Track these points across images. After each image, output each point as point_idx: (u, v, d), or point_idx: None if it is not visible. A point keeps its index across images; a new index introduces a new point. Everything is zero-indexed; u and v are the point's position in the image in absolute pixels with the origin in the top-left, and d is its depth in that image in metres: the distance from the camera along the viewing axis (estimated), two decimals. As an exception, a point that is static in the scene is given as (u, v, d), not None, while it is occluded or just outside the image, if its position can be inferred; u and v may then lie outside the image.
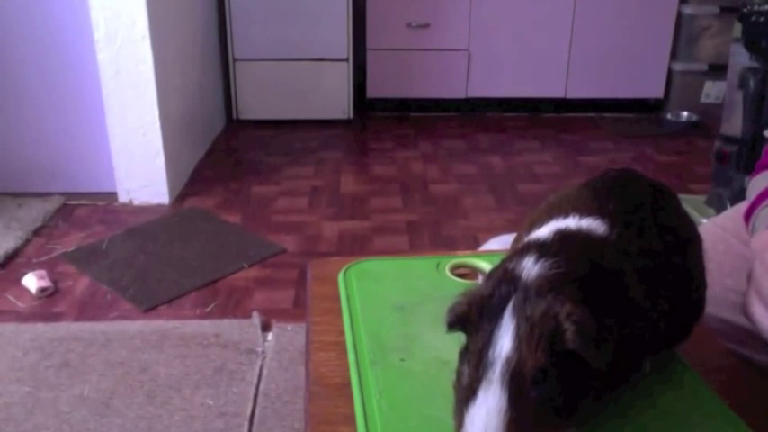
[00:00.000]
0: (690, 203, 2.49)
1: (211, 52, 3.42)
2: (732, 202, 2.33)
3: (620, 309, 0.55)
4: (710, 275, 0.69)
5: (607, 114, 3.86)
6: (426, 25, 3.62)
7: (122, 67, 2.55)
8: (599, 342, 0.50)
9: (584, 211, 0.61)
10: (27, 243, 2.39)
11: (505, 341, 0.50)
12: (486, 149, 3.36)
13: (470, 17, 3.61)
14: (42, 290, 2.07)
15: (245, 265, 2.26)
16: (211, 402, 1.65)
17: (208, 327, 1.93)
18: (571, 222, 0.60)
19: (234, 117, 3.63)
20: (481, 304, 0.53)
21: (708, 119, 3.63)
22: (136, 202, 2.72)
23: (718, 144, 2.43)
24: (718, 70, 3.58)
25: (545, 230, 0.60)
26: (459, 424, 0.51)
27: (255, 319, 1.94)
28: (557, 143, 3.47)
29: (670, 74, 3.78)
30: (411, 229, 2.55)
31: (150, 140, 2.65)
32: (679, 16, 3.66)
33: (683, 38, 3.69)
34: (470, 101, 3.81)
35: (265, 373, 1.75)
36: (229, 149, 3.35)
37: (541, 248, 0.55)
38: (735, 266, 0.92)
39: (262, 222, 2.58)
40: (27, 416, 1.59)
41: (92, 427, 1.56)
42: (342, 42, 3.47)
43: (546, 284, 0.52)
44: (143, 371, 1.75)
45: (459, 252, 0.92)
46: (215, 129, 3.48)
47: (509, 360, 0.50)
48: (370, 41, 3.65)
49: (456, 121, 3.75)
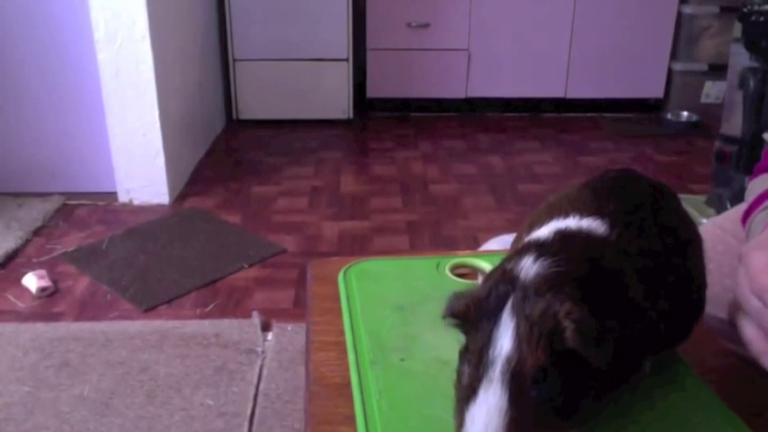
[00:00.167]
0: (690, 203, 2.49)
1: (211, 52, 3.42)
2: (732, 202, 2.33)
3: (620, 308, 0.55)
4: (710, 276, 0.69)
5: (607, 114, 3.86)
6: (426, 25, 3.62)
7: (122, 67, 2.55)
8: (599, 341, 0.50)
9: (584, 211, 0.61)
10: (27, 243, 2.39)
11: (505, 340, 0.50)
12: (486, 149, 3.36)
13: (470, 17, 3.61)
14: (42, 290, 2.07)
15: (245, 265, 2.26)
16: (211, 402, 1.65)
17: (208, 327, 1.93)
18: (571, 222, 0.60)
19: (234, 117, 3.64)
20: (480, 304, 0.53)
21: (708, 119, 3.63)
22: (136, 202, 2.72)
23: (718, 144, 2.43)
24: (718, 70, 3.58)
25: (545, 230, 0.60)
26: (460, 423, 0.51)
27: (255, 319, 1.94)
28: (557, 143, 3.47)
29: (670, 74, 3.78)
30: (411, 229, 2.55)
31: (150, 140, 2.65)
32: (679, 16, 3.66)
33: (683, 38, 3.69)
34: (470, 101, 3.81)
35: (265, 373, 1.75)
36: (229, 149, 3.35)
37: (541, 248, 0.55)
38: (734, 267, 0.92)
39: (262, 222, 2.58)
40: (27, 416, 1.59)
41: (92, 427, 1.56)
42: (342, 42, 3.47)
43: (545, 283, 0.52)
44: (143, 371, 1.75)
45: (460, 252, 0.92)
46: (215, 129, 3.48)
47: (509, 359, 0.50)
48: (370, 41, 3.65)
49: (456, 121, 3.75)
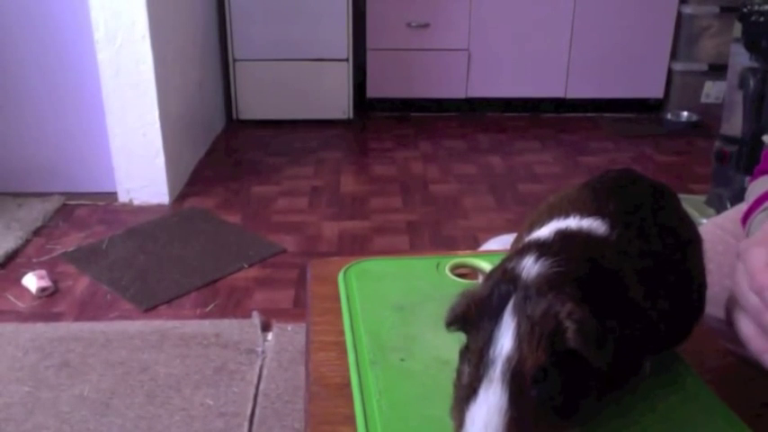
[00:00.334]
0: (690, 203, 2.49)
1: (211, 52, 3.42)
2: (732, 202, 2.33)
3: (621, 309, 0.55)
4: (710, 276, 0.69)
5: (607, 114, 3.86)
6: (426, 25, 3.62)
7: (122, 67, 2.55)
8: (600, 341, 0.50)
9: (584, 212, 0.61)
10: (27, 243, 2.39)
11: (506, 340, 0.50)
12: (486, 149, 3.36)
13: (470, 17, 3.61)
14: (42, 290, 2.07)
15: (245, 265, 2.26)
16: (211, 402, 1.65)
17: (208, 327, 1.93)
18: (571, 222, 0.60)
19: (234, 117, 3.64)
20: (481, 303, 0.53)
21: (708, 119, 3.63)
22: (136, 202, 2.72)
23: (718, 144, 2.43)
24: (718, 70, 3.58)
25: (545, 230, 0.60)
26: (460, 423, 0.51)
27: (255, 319, 1.94)
28: (557, 143, 3.47)
29: (670, 74, 3.78)
30: (411, 229, 2.55)
31: (150, 140, 2.65)
32: (679, 16, 3.66)
33: (683, 38, 3.69)
34: (470, 101, 3.81)
35: (265, 373, 1.75)
36: (229, 149, 3.35)
37: (542, 248, 0.55)
38: (734, 267, 0.92)
39: (262, 222, 2.58)
40: (27, 416, 1.59)
41: (92, 427, 1.56)
42: (342, 42, 3.47)
43: (546, 284, 0.52)
44: (143, 371, 1.75)
45: (460, 252, 0.92)
46: (215, 129, 3.48)
47: (509, 359, 0.50)
48: (370, 41, 3.65)
49: (456, 121, 3.75)
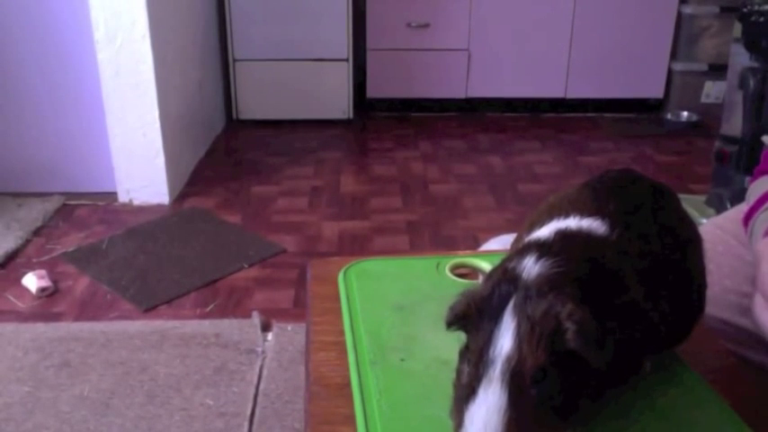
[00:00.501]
0: (690, 203, 2.49)
1: (211, 52, 3.42)
2: (732, 202, 2.33)
3: (621, 309, 0.55)
4: (710, 276, 0.69)
5: (607, 114, 3.86)
6: (426, 25, 3.62)
7: (122, 67, 2.55)
8: (599, 342, 0.50)
9: (584, 212, 0.61)
10: (27, 243, 2.39)
11: (506, 340, 0.50)
12: (486, 149, 3.36)
13: (470, 17, 3.60)
14: (42, 290, 2.07)
15: (245, 265, 2.26)
16: (211, 402, 1.65)
17: (208, 327, 1.93)
18: (572, 222, 0.60)
19: (234, 117, 3.63)
20: (481, 303, 0.53)
21: (708, 119, 3.63)
22: (136, 202, 2.72)
23: (718, 144, 2.43)
24: (718, 70, 3.58)
25: (545, 230, 0.60)
26: (459, 423, 0.51)
27: (255, 319, 1.94)
28: (557, 143, 3.47)
29: (670, 74, 3.78)
30: (411, 229, 2.55)
31: (150, 140, 2.65)
32: (679, 16, 3.66)
33: (683, 38, 3.69)
34: (470, 101, 3.81)
35: (265, 373, 1.75)
36: (229, 149, 3.35)
37: (542, 248, 0.55)
38: (734, 267, 0.92)
39: (262, 222, 2.58)
40: (27, 416, 1.59)
41: (92, 427, 1.56)
42: (342, 42, 3.47)
43: (547, 284, 0.52)
44: (143, 371, 1.75)
45: (460, 252, 0.92)
46: (215, 129, 3.48)
47: (509, 359, 0.50)
48: (370, 41, 3.65)
49: (456, 121, 3.75)
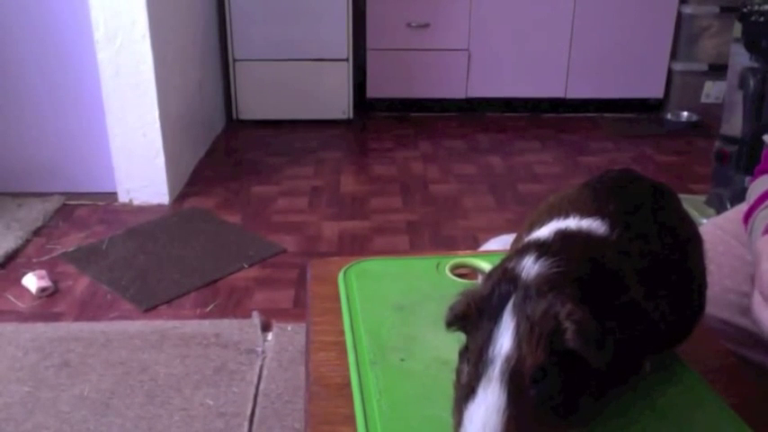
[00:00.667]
0: (690, 203, 2.49)
1: (211, 52, 3.42)
2: (732, 202, 2.33)
3: (621, 309, 0.55)
4: (710, 276, 0.69)
5: (607, 114, 3.86)
6: (426, 25, 3.62)
7: (122, 67, 2.55)
8: (599, 342, 0.50)
9: (584, 212, 0.61)
10: (27, 243, 2.39)
11: (505, 340, 0.50)
12: (486, 149, 3.36)
13: (470, 17, 3.60)
14: (42, 290, 2.07)
15: (245, 265, 2.26)
16: (211, 402, 1.65)
17: (208, 327, 1.93)
18: (571, 222, 0.60)
19: (234, 117, 3.63)
20: (481, 303, 0.53)
21: (708, 119, 3.63)
22: (136, 202, 2.72)
23: (718, 144, 2.43)
24: (718, 70, 3.58)
25: (545, 230, 0.60)
26: (458, 422, 0.51)
27: (255, 319, 1.94)
28: (557, 143, 3.47)
29: (670, 74, 3.78)
30: (411, 229, 2.55)
31: (150, 140, 2.65)
32: (679, 16, 3.66)
33: (683, 38, 3.69)
34: (470, 101, 3.81)
35: (265, 373, 1.75)
36: (229, 149, 3.35)
37: (542, 248, 0.55)
38: (735, 267, 0.92)
39: (262, 222, 2.58)
40: (27, 416, 1.59)
41: (92, 427, 1.56)
42: (342, 42, 3.47)
43: (546, 284, 0.52)
44: (143, 371, 1.75)
45: (460, 252, 0.92)
46: (215, 129, 3.48)
47: (509, 358, 0.50)
48: (370, 41, 3.65)
49: (456, 121, 3.75)
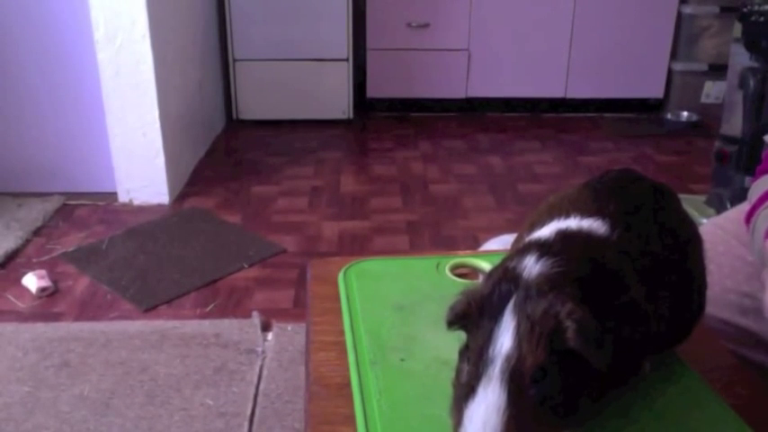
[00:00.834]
0: (690, 203, 2.49)
1: (211, 52, 3.42)
2: (732, 202, 2.33)
3: (621, 309, 0.55)
4: (711, 276, 0.69)
5: (607, 114, 3.86)
6: (426, 25, 3.62)
7: (122, 67, 2.55)
8: (599, 342, 0.50)
9: (584, 212, 0.61)
10: (27, 243, 2.38)
11: (506, 339, 0.50)
12: (486, 149, 3.36)
13: (470, 17, 3.60)
14: (42, 290, 2.07)
15: (245, 265, 2.25)
16: (211, 402, 1.65)
17: (208, 327, 1.93)
18: (572, 222, 0.60)
19: (234, 117, 3.63)
20: (482, 302, 0.53)
21: (708, 119, 3.63)
22: (136, 202, 2.72)
23: (718, 144, 2.43)
24: (718, 70, 3.58)
25: (546, 230, 0.60)
26: (458, 421, 0.51)
27: (255, 319, 1.94)
28: (557, 143, 3.47)
29: (670, 74, 3.78)
30: (411, 229, 2.55)
31: (150, 140, 2.65)
32: (679, 16, 3.66)
33: (683, 38, 3.69)
34: (470, 101, 3.81)
35: (265, 373, 1.75)
36: (229, 149, 3.35)
37: (542, 248, 0.55)
38: (735, 267, 0.92)
39: (262, 222, 2.58)
40: (27, 416, 1.59)
41: (92, 427, 1.56)
42: (342, 42, 3.47)
43: (547, 283, 0.52)
44: (143, 371, 1.75)
45: (460, 252, 0.92)
46: (215, 129, 3.48)
47: (509, 358, 0.50)
48: (370, 41, 3.65)
49: (456, 121, 3.75)
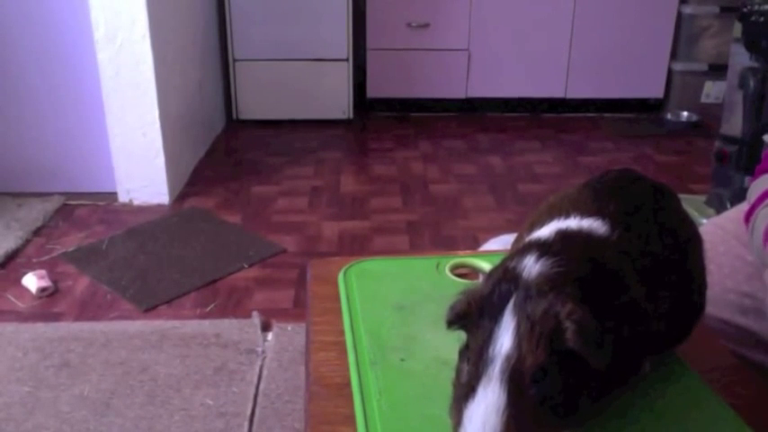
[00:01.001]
0: (690, 203, 2.49)
1: (211, 52, 3.42)
2: (732, 202, 2.33)
3: (621, 309, 0.55)
4: (711, 276, 0.69)
5: (607, 114, 3.86)
6: (426, 25, 3.62)
7: (122, 67, 2.55)
8: (599, 342, 0.50)
9: (584, 212, 0.61)
10: (27, 243, 2.38)
11: (505, 339, 0.50)
12: (486, 149, 3.36)
13: (470, 17, 3.60)
14: (42, 290, 2.07)
15: (245, 265, 2.25)
16: (211, 402, 1.65)
17: (208, 327, 1.93)
18: (572, 222, 0.60)
19: (234, 117, 3.63)
20: (482, 302, 0.53)
21: (708, 119, 3.63)
22: (136, 202, 2.72)
23: (718, 144, 2.43)
24: (718, 70, 3.58)
25: (546, 230, 0.60)
26: (458, 421, 0.51)
27: (255, 319, 1.94)
28: (557, 143, 3.47)
29: (670, 74, 3.78)
30: (411, 229, 2.55)
31: (150, 140, 2.65)
32: (679, 16, 3.66)
33: (683, 38, 3.69)
34: (470, 101, 3.81)
35: (265, 373, 1.75)
36: (229, 149, 3.35)
37: (542, 248, 0.55)
38: (735, 267, 0.92)
39: (262, 222, 2.58)
40: (27, 416, 1.59)
41: (92, 427, 1.56)
42: (342, 42, 3.47)
43: (547, 283, 0.52)
44: (143, 371, 1.75)
45: (460, 252, 0.92)
46: (215, 129, 3.48)
47: (509, 358, 0.50)
48: (370, 41, 3.65)
49: (456, 121, 3.75)
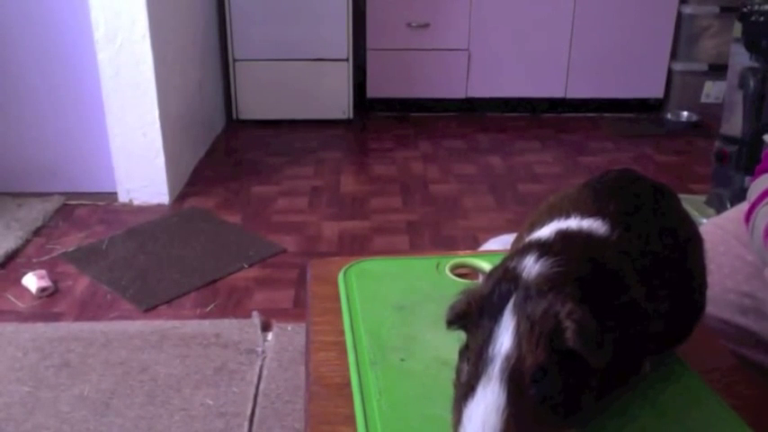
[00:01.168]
0: (690, 203, 2.49)
1: (211, 52, 3.42)
2: (732, 202, 2.33)
3: (621, 309, 0.55)
4: (711, 276, 0.69)
5: (607, 114, 3.86)
6: (426, 25, 3.62)
7: (122, 67, 2.55)
8: (599, 342, 0.50)
9: (584, 212, 0.61)
10: (27, 243, 2.38)
11: (505, 339, 0.50)
12: (486, 149, 3.36)
13: (470, 17, 3.60)
14: (42, 290, 2.07)
15: (245, 265, 2.25)
16: (211, 402, 1.65)
17: (208, 327, 1.93)
18: (572, 222, 0.60)
19: (234, 117, 3.63)
20: (481, 302, 0.53)
21: (708, 119, 3.63)
22: (136, 202, 2.72)
23: (718, 144, 2.43)
24: (718, 70, 3.58)
25: (546, 230, 0.60)
26: (458, 421, 0.51)
27: (255, 319, 1.94)
28: (557, 143, 3.47)
29: (670, 74, 3.78)
30: (411, 229, 2.55)
31: (150, 140, 2.65)
32: (679, 16, 3.66)
33: (683, 38, 3.69)
34: (470, 101, 3.81)
35: (265, 373, 1.75)
36: (229, 149, 3.35)
37: (542, 248, 0.55)
38: (735, 267, 0.92)
39: (262, 222, 2.58)
40: (27, 416, 1.59)
41: (92, 427, 1.56)
42: (342, 42, 3.47)
43: (547, 283, 0.52)
44: (143, 371, 1.75)
45: (460, 252, 0.92)
46: (215, 129, 3.48)
47: (509, 357, 0.50)
48: (370, 41, 3.65)
49: (456, 121, 3.75)
